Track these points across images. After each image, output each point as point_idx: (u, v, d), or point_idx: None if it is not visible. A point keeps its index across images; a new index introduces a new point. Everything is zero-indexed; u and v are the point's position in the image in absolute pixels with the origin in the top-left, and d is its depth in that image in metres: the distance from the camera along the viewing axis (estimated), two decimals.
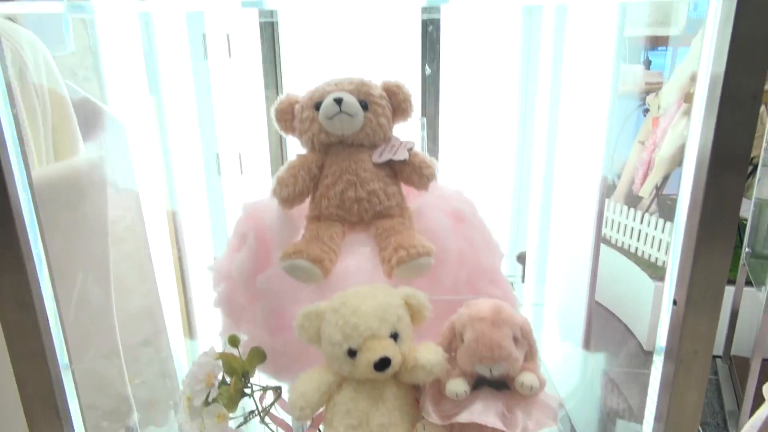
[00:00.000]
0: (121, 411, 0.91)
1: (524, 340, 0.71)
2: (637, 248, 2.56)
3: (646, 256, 2.52)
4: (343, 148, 0.84)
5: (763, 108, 2.46)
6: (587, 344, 1.23)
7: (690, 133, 0.60)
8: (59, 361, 0.59)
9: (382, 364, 0.67)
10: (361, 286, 0.74)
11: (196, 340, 1.19)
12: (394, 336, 0.70)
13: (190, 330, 1.17)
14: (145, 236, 1.23)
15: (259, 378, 0.84)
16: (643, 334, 2.42)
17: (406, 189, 0.89)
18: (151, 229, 1.10)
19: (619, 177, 2.72)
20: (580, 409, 1.11)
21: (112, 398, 0.90)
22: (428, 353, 0.70)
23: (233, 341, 0.81)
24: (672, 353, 0.59)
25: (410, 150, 0.84)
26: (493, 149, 1.21)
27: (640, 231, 2.54)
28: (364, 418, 0.69)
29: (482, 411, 0.67)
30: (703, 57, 0.58)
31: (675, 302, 0.56)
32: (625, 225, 2.62)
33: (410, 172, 0.84)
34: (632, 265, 2.53)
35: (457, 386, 0.69)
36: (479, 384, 0.72)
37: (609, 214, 2.72)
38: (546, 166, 1.17)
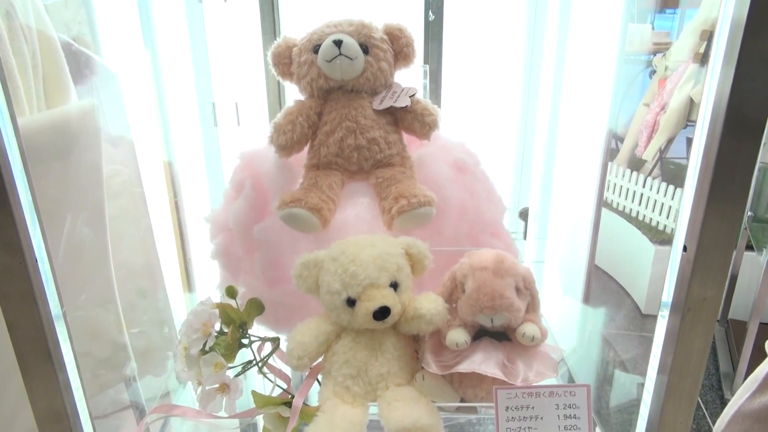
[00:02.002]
0: (117, 359, 0.90)
1: (526, 290, 0.69)
2: (638, 212, 2.54)
3: (647, 220, 2.51)
4: (342, 94, 0.81)
5: None
6: (587, 303, 1.23)
7: (706, 80, 0.57)
8: (51, 306, 0.57)
9: (382, 313, 0.66)
10: (360, 236, 0.72)
11: (194, 292, 1.18)
12: (394, 285, 0.68)
13: (188, 283, 1.16)
14: (141, 190, 1.20)
15: (258, 330, 0.83)
16: (642, 298, 2.42)
17: (407, 139, 0.86)
18: (148, 181, 1.07)
19: (622, 140, 2.68)
20: (578, 368, 1.11)
21: (108, 346, 0.89)
22: (429, 303, 0.69)
23: (231, 292, 0.79)
24: (679, 302, 0.57)
25: (412, 97, 0.81)
26: (498, 103, 1.17)
27: (642, 195, 2.52)
28: (363, 368, 0.68)
29: (483, 361, 0.66)
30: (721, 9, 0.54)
31: (685, 248, 0.54)
32: (627, 189, 2.60)
33: (412, 119, 0.81)
34: (633, 229, 2.52)
35: (458, 336, 0.68)
36: (480, 335, 0.71)
37: (611, 178, 2.70)
38: (550, 123, 1.14)
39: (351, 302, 0.67)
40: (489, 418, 0.78)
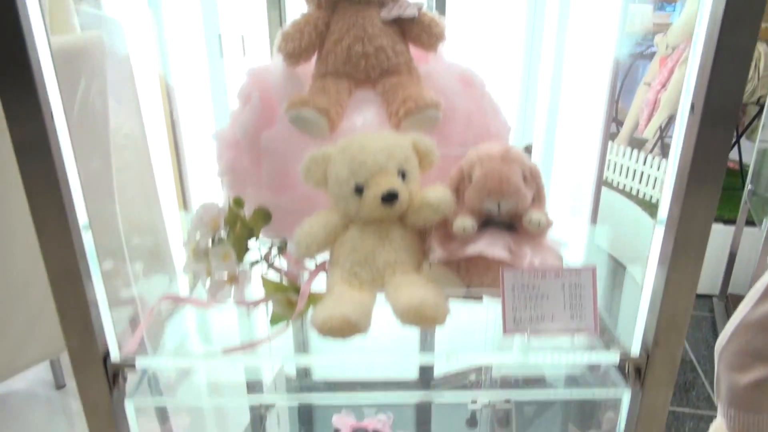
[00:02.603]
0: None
1: (533, 181, 0.70)
2: (638, 190, 2.55)
3: (647, 198, 2.52)
4: (350, 5, 0.82)
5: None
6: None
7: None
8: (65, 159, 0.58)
9: (390, 197, 0.66)
10: (368, 132, 0.73)
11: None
12: (402, 175, 0.69)
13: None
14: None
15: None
16: (642, 275, 2.43)
17: (414, 54, 0.87)
18: (149, 115, 1.08)
19: (622, 123, 2.70)
20: None
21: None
22: (436, 192, 0.70)
23: (238, 202, 0.80)
24: (684, 165, 0.57)
25: (419, 9, 0.82)
26: (501, 39, 1.18)
27: (642, 173, 2.53)
28: (371, 255, 0.69)
29: (489, 244, 0.66)
30: None
31: (692, 108, 0.55)
32: (628, 167, 2.61)
33: (419, 30, 0.82)
34: (633, 206, 2.52)
35: (465, 221, 0.68)
36: (486, 225, 0.72)
37: (611, 157, 2.71)
38: (555, 61, 1.15)
39: (359, 190, 0.68)
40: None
